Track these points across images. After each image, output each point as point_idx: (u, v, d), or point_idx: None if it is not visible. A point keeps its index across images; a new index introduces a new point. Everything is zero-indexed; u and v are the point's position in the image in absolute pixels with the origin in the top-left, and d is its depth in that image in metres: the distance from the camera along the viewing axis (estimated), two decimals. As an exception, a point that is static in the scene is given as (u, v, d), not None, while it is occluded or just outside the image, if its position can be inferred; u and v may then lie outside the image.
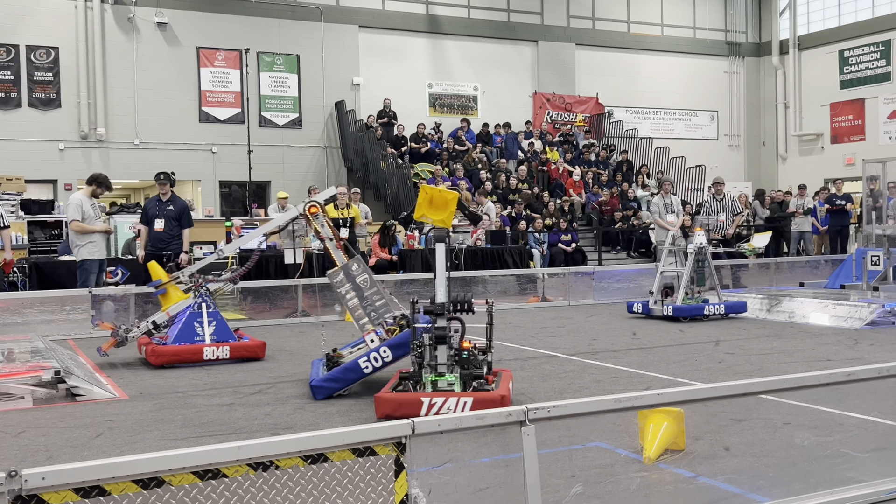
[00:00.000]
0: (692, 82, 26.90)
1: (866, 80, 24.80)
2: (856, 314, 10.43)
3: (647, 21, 26.28)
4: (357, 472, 3.08)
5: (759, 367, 7.60)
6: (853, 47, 25.10)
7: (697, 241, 11.47)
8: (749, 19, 27.85)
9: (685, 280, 11.44)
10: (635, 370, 7.62)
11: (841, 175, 22.64)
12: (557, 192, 21.02)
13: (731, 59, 27.59)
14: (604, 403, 3.54)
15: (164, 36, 20.43)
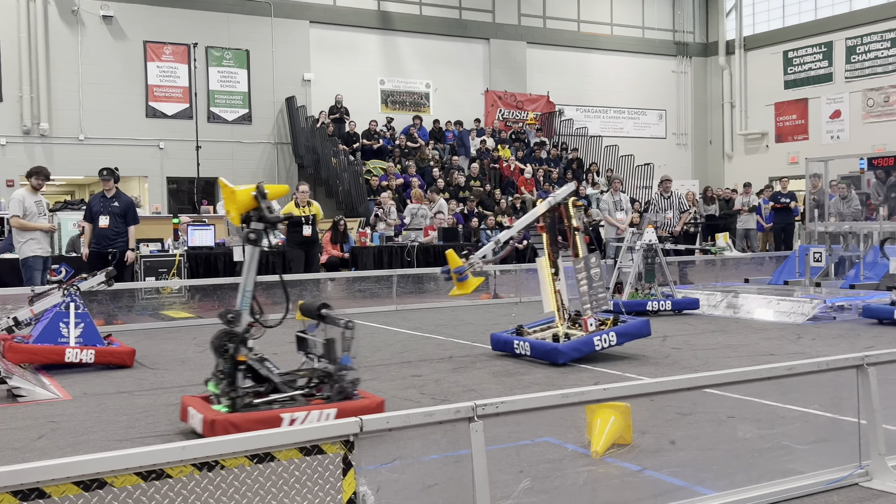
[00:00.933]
0: (641, 81, 27.24)
1: (809, 81, 25.38)
2: (798, 309, 10.67)
3: (597, 20, 26.54)
4: (304, 471, 3.06)
5: (705, 362, 7.73)
6: (797, 48, 25.66)
7: (646, 238, 11.59)
8: (696, 20, 28.29)
9: (632, 276, 11.56)
10: (584, 366, 7.69)
11: (785, 173, 23.09)
12: (509, 189, 21.13)
13: (678, 59, 28.01)
14: (550, 399, 3.57)
15: (109, 29, 20.04)
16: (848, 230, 15.03)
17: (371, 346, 9.12)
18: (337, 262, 14.75)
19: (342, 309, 12.50)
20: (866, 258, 14.17)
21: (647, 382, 3.85)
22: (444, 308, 12.87)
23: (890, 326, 9.76)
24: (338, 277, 14.08)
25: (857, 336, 9.19)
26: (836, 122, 24.66)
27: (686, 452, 4.77)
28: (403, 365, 7.85)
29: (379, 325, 10.98)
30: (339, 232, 14.96)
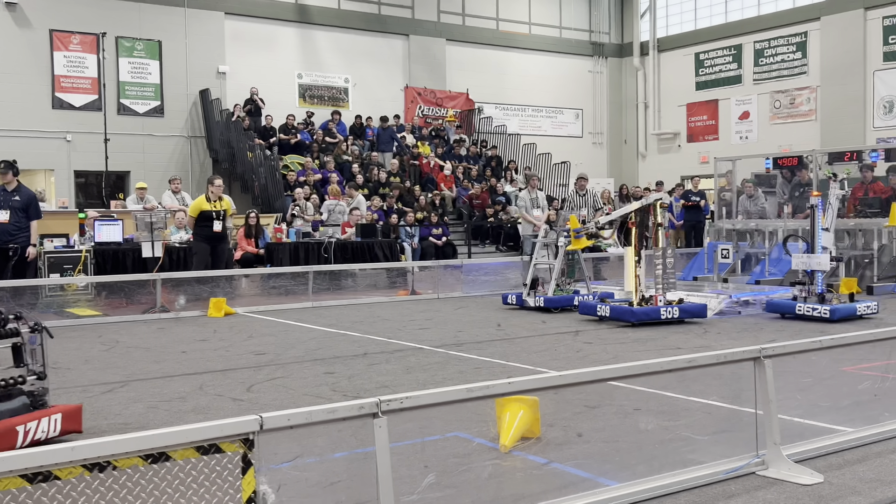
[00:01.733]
0: (559, 81, 27.62)
1: (720, 83, 26.15)
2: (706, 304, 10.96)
3: (515, 19, 26.79)
4: (202, 471, 2.99)
5: (615, 356, 7.88)
6: (708, 50, 26.41)
7: (563, 236, 11.77)
8: (612, 21, 28.84)
9: (556, 272, 11.75)
10: (498, 360, 7.75)
11: (696, 172, 23.75)
12: (429, 186, 21.15)
13: (595, 59, 28.51)
14: (456, 393, 3.57)
15: (13, 17, 19.24)
16: (754, 228, 15.54)
17: (284, 343, 9.01)
18: (251, 258, 14.51)
19: (256, 305, 12.38)
20: (771, 255, 14.68)
21: (552, 376, 3.89)
22: (361, 305, 12.81)
23: (792, 320, 10.13)
24: (252, 274, 13.86)
25: (761, 330, 9.51)
26: (745, 123, 25.49)
27: (592, 445, 4.85)
28: (317, 362, 7.77)
29: (293, 322, 10.85)
30: (252, 227, 14.71)
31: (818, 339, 4.81)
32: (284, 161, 19.92)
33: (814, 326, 9.47)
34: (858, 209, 14.20)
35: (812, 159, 15.06)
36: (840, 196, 10.60)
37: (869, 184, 14.51)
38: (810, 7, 23.79)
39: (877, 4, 22.20)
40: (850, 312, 9.95)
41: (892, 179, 14.32)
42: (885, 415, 5.20)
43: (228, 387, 6.65)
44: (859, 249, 14.11)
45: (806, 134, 23.34)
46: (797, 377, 6.18)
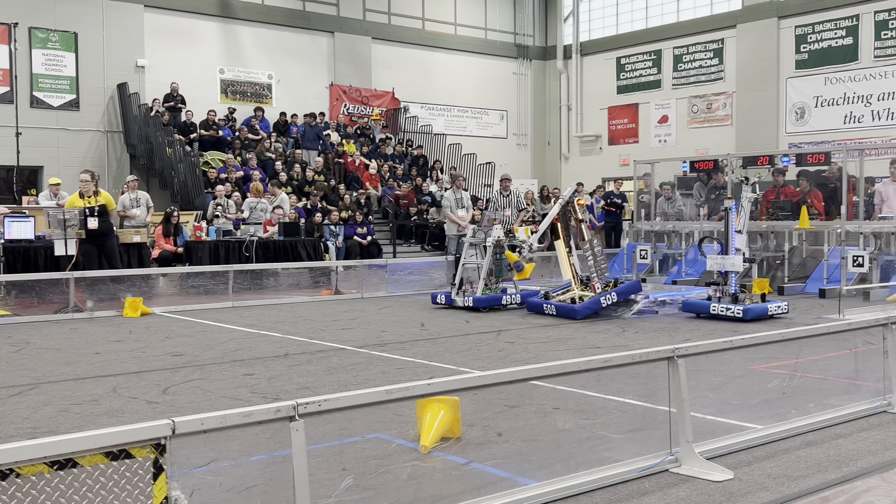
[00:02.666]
0: (484, 82, 27.81)
1: (640, 87, 26.72)
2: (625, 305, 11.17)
3: (441, 20, 26.85)
4: (111, 477, 2.90)
5: (536, 356, 7.97)
6: (629, 55, 26.95)
7: (495, 235, 11.93)
8: (536, 24, 29.17)
9: (484, 271, 11.85)
10: (421, 361, 7.74)
11: (617, 175, 24.27)
12: (354, 184, 21.03)
13: (519, 62, 28.79)
14: (375, 395, 3.55)
15: (-84, 2, 18.38)
16: (672, 229, 15.93)
17: (203, 344, 8.82)
18: (169, 256, 14.18)
19: (174, 305, 12.11)
20: (687, 256, 15.09)
21: (471, 377, 3.91)
22: (283, 305, 12.65)
23: (707, 320, 10.40)
24: (170, 273, 13.55)
25: (677, 329, 9.74)
26: (664, 127, 26.11)
27: (511, 444, 4.89)
28: (236, 363, 7.63)
29: (212, 322, 10.64)
30: (171, 225, 14.38)
31: (729, 339, 4.96)
32: (205, 158, 19.54)
33: (727, 326, 9.75)
34: (770, 212, 14.68)
35: (727, 163, 15.52)
36: (753, 199, 10.93)
37: (780, 188, 15.01)
38: (727, 15, 24.51)
39: (789, 14, 23.01)
40: (762, 312, 10.28)
41: (803, 184, 14.85)
42: (793, 412, 5.39)
43: (143, 389, 6.49)
44: (771, 251, 14.60)
45: (722, 138, 24.03)
46: (710, 376, 6.35)
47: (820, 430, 5.14)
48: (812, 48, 22.65)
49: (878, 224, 13.18)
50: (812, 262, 13.98)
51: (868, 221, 13.42)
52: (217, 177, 18.29)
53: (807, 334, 5.65)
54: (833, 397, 5.85)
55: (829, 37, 22.32)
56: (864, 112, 21.60)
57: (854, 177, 13.74)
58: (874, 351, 5.93)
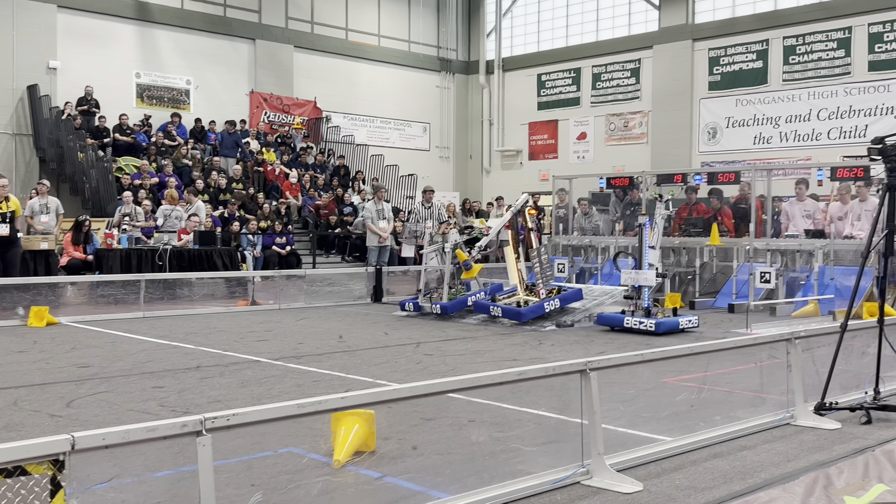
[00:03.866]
0: (407, 94, 27.85)
1: (560, 104, 27.18)
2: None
3: (364, 30, 26.81)
4: (4, 496, 2.77)
5: (453, 368, 7.98)
6: (549, 72, 27.40)
7: (453, 239, 12.18)
8: (459, 38, 29.40)
9: (447, 276, 12.14)
10: (337, 373, 7.67)
11: (537, 189, 24.55)
12: (273, 193, 20.76)
13: (442, 75, 28.95)
14: (287, 409, 3.49)
15: None
16: (588, 244, 16.21)
17: (111, 355, 8.55)
18: (79, 264, 13.71)
19: (82, 315, 11.70)
20: (603, 270, 15.37)
21: (385, 390, 3.89)
22: (197, 315, 12.37)
23: (621, 333, 10.60)
24: (78, 281, 13.10)
25: (592, 342, 9.90)
26: (583, 143, 26.61)
27: (426, 457, 4.87)
28: (145, 376, 7.41)
29: (122, 332, 10.32)
30: (81, 232, 13.91)
31: (640, 352, 5.05)
32: (119, 163, 19.00)
33: (640, 339, 9.95)
34: (683, 228, 15.09)
35: (642, 180, 15.89)
36: (666, 216, 11.21)
37: (693, 205, 15.45)
38: (644, 36, 25.17)
39: (703, 37, 23.79)
40: (674, 326, 10.53)
41: (714, 201, 15.31)
42: (701, 424, 5.52)
43: (46, 402, 6.24)
44: (683, 266, 15.00)
45: (638, 156, 24.62)
46: (622, 388, 6.46)
47: (726, 442, 5.28)
48: (724, 70, 23.45)
49: (784, 242, 13.69)
50: (722, 277, 14.42)
51: (775, 239, 13.92)
52: (131, 183, 17.80)
53: (714, 348, 5.80)
54: (739, 410, 6.02)
55: (740, 60, 23.14)
56: (773, 133, 22.44)
57: (762, 196, 14.24)
58: (779, 365, 6.13)
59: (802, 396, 5.92)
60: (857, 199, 13.33)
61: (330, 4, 25.96)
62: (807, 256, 13.29)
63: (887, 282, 8.54)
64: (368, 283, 15.08)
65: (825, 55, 21.65)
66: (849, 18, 21.23)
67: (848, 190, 13.44)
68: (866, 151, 6.23)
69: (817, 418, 5.85)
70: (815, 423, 5.78)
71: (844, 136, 21.20)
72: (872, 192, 13.09)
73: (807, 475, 4.61)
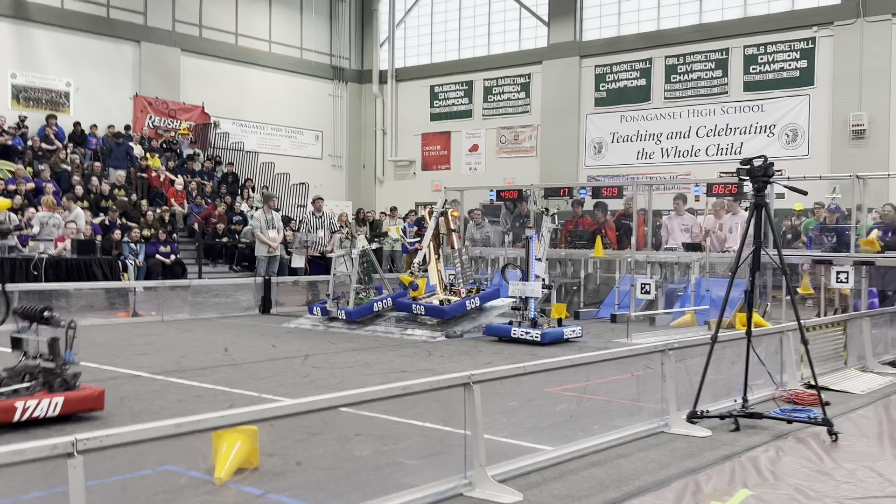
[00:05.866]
0: (299, 101, 27.58)
1: (452, 115, 27.48)
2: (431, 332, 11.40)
3: (255, 36, 26.42)
4: None
5: (342, 381, 7.97)
6: (442, 84, 27.67)
7: (360, 245, 12.32)
8: (353, 47, 29.34)
9: (353, 282, 12.23)
10: (222, 388, 7.54)
11: (430, 199, 24.70)
12: (158, 200, 20.17)
13: (335, 83, 28.81)
14: (163, 429, 3.43)
15: None
16: (479, 255, 16.45)
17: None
18: (-55, 274, 12.96)
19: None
20: (493, 281, 15.62)
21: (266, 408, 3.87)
22: (75, 327, 11.88)
23: (509, 343, 10.83)
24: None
25: (480, 353, 10.06)
26: (474, 155, 26.98)
27: (310, 473, 4.85)
28: (16, 392, 7.07)
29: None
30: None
31: (522, 365, 5.19)
32: (-8, 167, 18.07)
33: (526, 349, 10.18)
34: (569, 241, 15.52)
35: (530, 193, 16.26)
36: (552, 229, 11.52)
37: (578, 218, 15.92)
38: (533, 51, 25.75)
39: (590, 54, 24.52)
40: (559, 336, 10.83)
41: (598, 214, 15.81)
42: (580, 433, 5.71)
43: None
44: (569, 277, 15.43)
45: (527, 168, 25.15)
46: (506, 399, 6.60)
47: (604, 451, 5.47)
48: (610, 87, 24.25)
49: (663, 254, 14.26)
50: (605, 288, 14.91)
51: (655, 252, 14.49)
52: (5, 188, 16.95)
53: (593, 360, 6.01)
54: (617, 419, 6.25)
55: (625, 77, 23.98)
56: (655, 149, 23.34)
57: (643, 210, 14.80)
58: (655, 374, 6.40)
59: (676, 405, 6.20)
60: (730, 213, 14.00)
61: (219, 8, 25.46)
62: (684, 268, 13.88)
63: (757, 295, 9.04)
64: (257, 294, 14.87)
65: (704, 74, 22.69)
66: (726, 40, 22.30)
67: (722, 206, 14.12)
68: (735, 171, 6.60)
69: (689, 426, 6.13)
70: (687, 431, 6.06)
71: (722, 152, 22.24)
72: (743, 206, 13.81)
73: (678, 482, 4.84)
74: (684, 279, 13.83)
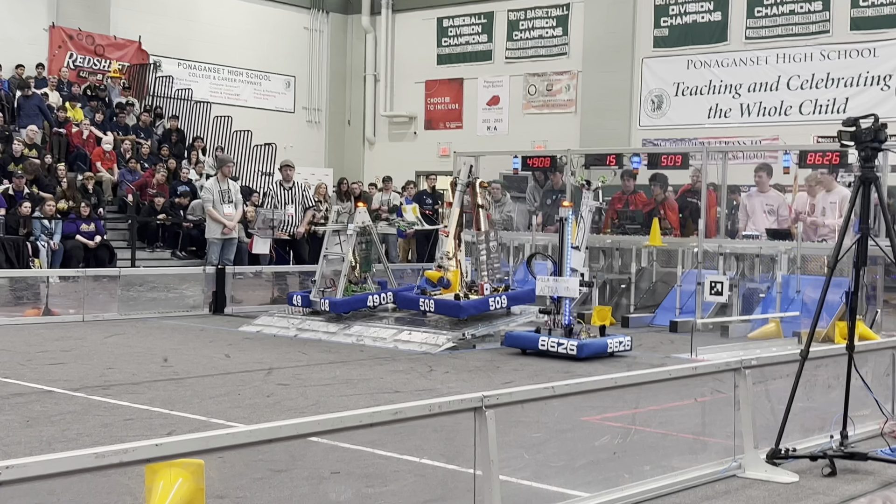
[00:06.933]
0: (265, 37, 27.56)
1: (466, 58, 27.40)
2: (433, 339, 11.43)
3: (209, -51, 26.46)
4: None
5: (315, 403, 8.00)
6: (453, 16, 27.57)
7: (360, 220, 12.48)
8: (336, -35, 29.32)
9: (345, 267, 12.42)
10: (159, 409, 7.60)
11: (435, 168, 24.70)
12: (80, 164, 20.26)
13: (313, 14, 28.75)
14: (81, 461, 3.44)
15: None
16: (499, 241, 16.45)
17: None
18: None
19: None
20: (516, 276, 15.62)
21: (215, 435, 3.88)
22: (-31, 328, 12.02)
23: (534, 357, 10.83)
24: None
25: (497, 369, 10.08)
26: (494, 111, 26.93)
27: (271, 522, 4.88)
28: None
29: None
30: None
31: (551, 385, 5.19)
32: None
33: (558, 365, 10.20)
34: (616, 224, 15.49)
35: (567, 161, 16.22)
36: (595, 208, 11.52)
37: (630, 194, 15.87)
38: (575, -25, 25.64)
39: (649, -21, 24.39)
40: (600, 349, 10.83)
41: (656, 190, 15.75)
42: (625, 476, 5.71)
43: None
44: (615, 272, 15.41)
45: (564, 129, 25.01)
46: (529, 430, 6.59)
47: (657, 500, 5.47)
48: (674, 22, 24.12)
49: (741, 243, 14.22)
50: (663, 287, 14.89)
51: (730, 240, 14.45)
52: None
53: (646, 380, 6.00)
54: (675, 457, 6.25)
55: (694, 10, 23.85)
56: (732, 105, 23.22)
57: (715, 185, 14.75)
58: (725, 400, 6.39)
59: (753, 441, 6.19)
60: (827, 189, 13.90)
61: (163, -87, 25.51)
62: (768, 262, 13.85)
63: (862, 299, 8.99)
64: (207, 288, 14.93)
65: (799, 7, 22.52)
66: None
67: (819, 180, 14.05)
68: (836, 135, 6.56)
69: (771, 469, 6.12)
70: (767, 475, 6.05)
71: (820, 110, 22.14)
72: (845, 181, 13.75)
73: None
74: (767, 277, 13.80)
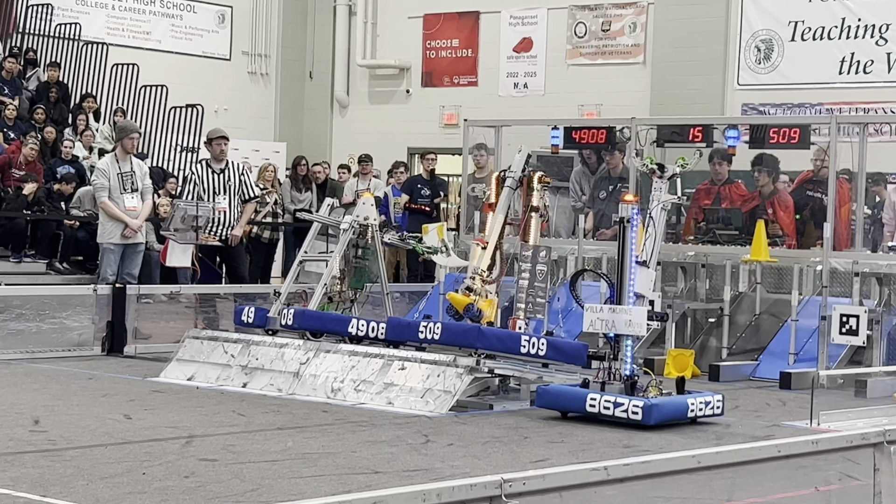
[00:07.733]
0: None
1: (482, -22, 27.41)
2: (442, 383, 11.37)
3: None
4: None
5: (256, 488, 7.97)
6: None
7: (359, 214, 12.86)
8: None
9: (326, 274, 12.76)
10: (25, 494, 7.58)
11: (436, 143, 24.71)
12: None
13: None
14: None
15: None
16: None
17: None
18: None
19: None
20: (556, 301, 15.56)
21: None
22: None
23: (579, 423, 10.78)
24: None
25: (525, 440, 10.04)
26: (524, 60, 26.83)
27: None
28: None
29: None
30: None
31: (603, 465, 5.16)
32: None
33: (614, 435, 10.16)
34: (703, 229, 15.39)
35: (630, 135, 16.15)
36: (670, 205, 11.49)
37: (722, 185, 15.78)
38: None
39: None
40: (678, 413, 10.78)
41: (762, 179, 15.60)
42: None
43: None
44: (701, 300, 15.33)
45: (627, 87, 25.00)
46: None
47: None
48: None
49: (886, 258, 14.16)
50: (771, 322, 14.82)
51: (870, 253, 14.39)
52: None
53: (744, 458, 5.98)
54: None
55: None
56: (876, 56, 23.15)
57: (848, 173, 14.69)
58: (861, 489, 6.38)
59: (901, 550, 6.17)
60: None
61: None
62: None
63: None
64: (99, 317, 14.91)
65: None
66: None
67: None
68: None
69: (925, 591, 6.11)
70: None
71: None
72: None
73: None
74: (925, 308, 13.79)
